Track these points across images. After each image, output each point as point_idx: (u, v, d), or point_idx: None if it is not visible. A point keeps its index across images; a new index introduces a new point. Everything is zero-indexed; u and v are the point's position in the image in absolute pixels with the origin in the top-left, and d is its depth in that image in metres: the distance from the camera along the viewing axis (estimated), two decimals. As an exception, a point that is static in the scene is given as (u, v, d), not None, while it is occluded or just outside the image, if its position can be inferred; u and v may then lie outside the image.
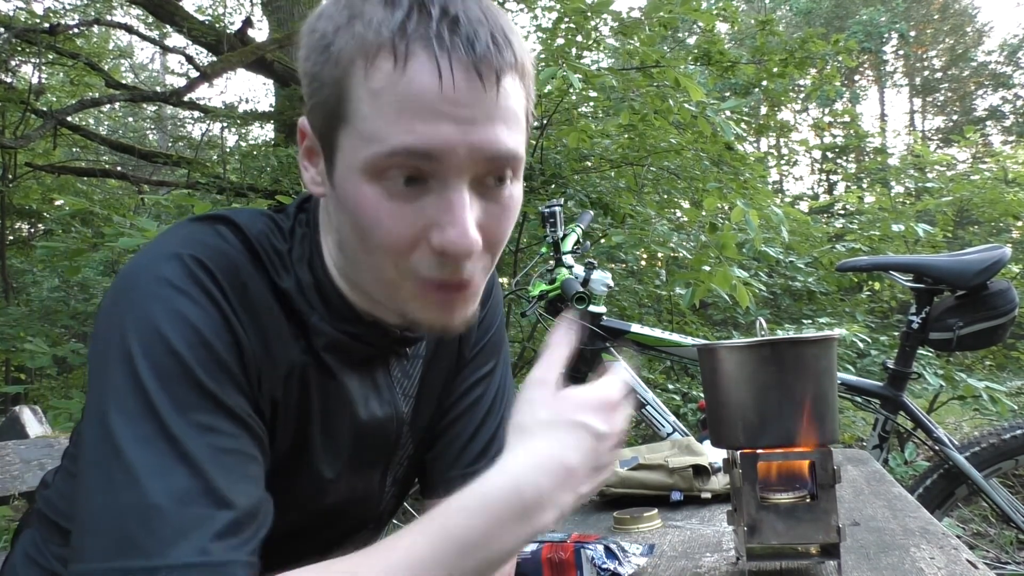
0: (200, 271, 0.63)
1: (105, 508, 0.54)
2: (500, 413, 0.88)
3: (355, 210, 0.63)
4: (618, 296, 4.43)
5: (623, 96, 3.54)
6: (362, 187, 0.62)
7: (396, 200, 0.61)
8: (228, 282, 0.64)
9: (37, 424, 1.22)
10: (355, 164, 0.62)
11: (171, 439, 0.56)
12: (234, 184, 4.70)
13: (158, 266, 0.62)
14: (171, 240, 0.65)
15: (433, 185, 0.61)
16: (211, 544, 0.54)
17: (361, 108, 0.60)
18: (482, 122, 0.60)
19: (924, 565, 0.84)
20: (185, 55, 7.20)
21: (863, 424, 4.38)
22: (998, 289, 1.95)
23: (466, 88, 0.59)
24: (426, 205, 0.62)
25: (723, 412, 0.83)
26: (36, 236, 7.45)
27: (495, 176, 0.64)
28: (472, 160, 0.61)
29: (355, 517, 0.83)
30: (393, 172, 0.60)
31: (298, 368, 0.70)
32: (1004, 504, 1.96)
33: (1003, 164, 6.80)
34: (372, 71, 0.59)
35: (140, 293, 0.61)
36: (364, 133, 0.60)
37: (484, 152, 0.61)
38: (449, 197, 0.61)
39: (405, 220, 0.62)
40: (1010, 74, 18.18)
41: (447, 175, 0.61)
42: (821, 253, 5.21)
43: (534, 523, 0.58)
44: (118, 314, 0.61)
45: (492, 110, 0.61)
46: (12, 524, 3.17)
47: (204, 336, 0.60)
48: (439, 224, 0.61)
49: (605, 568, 0.85)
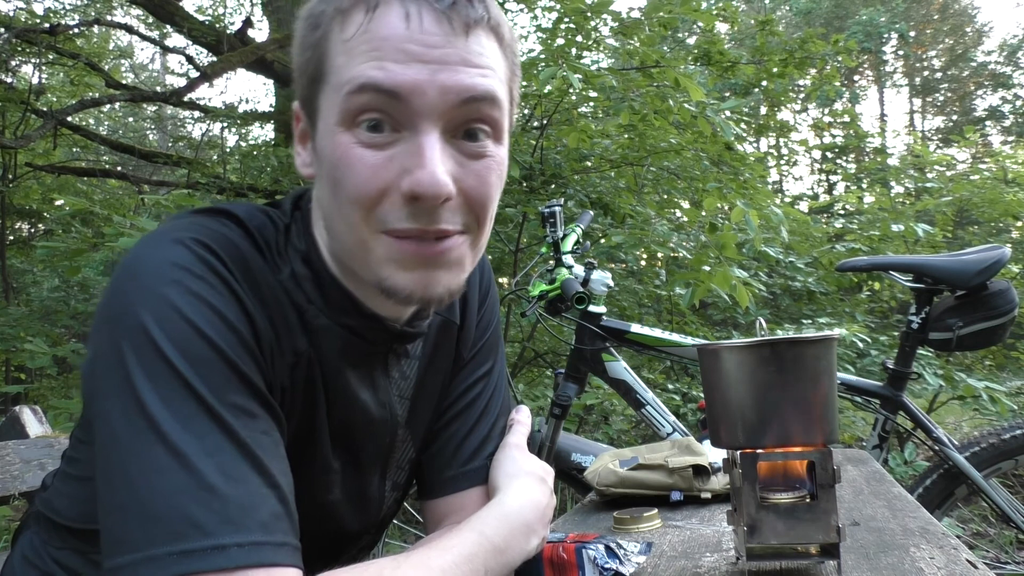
0: (209, 255, 0.62)
1: (153, 492, 0.52)
2: (495, 413, 0.89)
3: (330, 163, 0.63)
4: (618, 296, 4.43)
5: (623, 96, 3.54)
6: (336, 136, 0.62)
7: (367, 147, 0.61)
8: (237, 268, 0.64)
9: (37, 424, 1.22)
10: (332, 117, 0.62)
11: (216, 418, 0.55)
12: (234, 184, 4.70)
13: (166, 251, 0.61)
14: (174, 228, 0.64)
15: (404, 133, 0.61)
16: (270, 523, 0.54)
17: (337, 60, 0.62)
18: (452, 64, 0.60)
19: (924, 565, 0.84)
20: (185, 55, 7.22)
21: (863, 424, 4.39)
22: (998, 289, 1.95)
23: (435, 30, 0.60)
24: (396, 153, 0.61)
25: (723, 412, 0.83)
26: (36, 236, 7.45)
27: (471, 125, 0.63)
28: (443, 102, 0.60)
29: (356, 520, 0.82)
30: (364, 117, 0.61)
31: (304, 358, 0.69)
32: (1004, 504, 1.96)
33: (1003, 164, 6.79)
34: (346, 24, 0.61)
35: (152, 278, 0.59)
36: (338, 82, 0.61)
37: (454, 93, 0.61)
38: (418, 141, 0.61)
39: (375, 167, 0.61)
40: (1010, 74, 18.19)
41: (416, 119, 0.61)
42: (821, 253, 5.21)
43: (529, 543, 0.73)
44: (129, 301, 0.59)
45: (463, 55, 0.61)
46: (12, 524, 3.17)
47: (228, 319, 0.60)
48: (408, 169, 0.61)
49: (608, 568, 0.85)
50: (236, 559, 0.51)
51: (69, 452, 0.78)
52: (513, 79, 0.68)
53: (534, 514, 0.75)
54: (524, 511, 0.74)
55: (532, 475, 0.80)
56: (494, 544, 0.68)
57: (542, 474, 0.82)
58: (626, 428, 4.03)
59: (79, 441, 0.74)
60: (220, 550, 0.51)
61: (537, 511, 0.76)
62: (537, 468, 0.82)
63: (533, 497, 0.77)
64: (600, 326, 2.06)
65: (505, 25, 0.66)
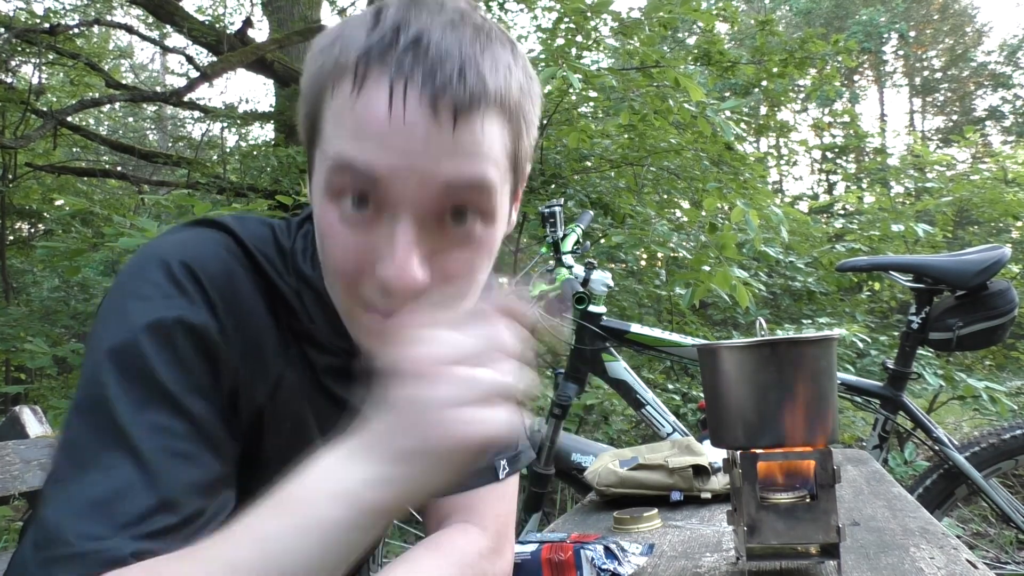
0: (183, 275, 0.63)
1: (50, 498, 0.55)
2: None
3: (318, 229, 0.63)
4: (618, 296, 4.43)
5: (623, 96, 3.54)
6: (324, 206, 0.61)
7: (348, 225, 0.60)
8: (215, 286, 0.64)
9: (37, 424, 1.21)
10: (320, 183, 0.61)
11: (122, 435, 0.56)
12: (234, 184, 4.70)
13: (144, 268, 0.64)
14: (162, 243, 0.66)
15: (385, 217, 0.59)
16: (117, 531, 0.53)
17: (326, 128, 0.60)
18: (434, 156, 0.57)
19: (924, 565, 0.84)
20: (185, 55, 7.21)
21: (863, 424, 4.38)
22: (998, 289, 1.95)
23: (417, 119, 0.56)
24: (374, 236, 0.59)
25: (723, 412, 0.83)
26: (36, 236, 7.45)
27: (453, 211, 0.59)
28: (422, 191, 0.57)
29: None
30: (345, 193, 0.59)
31: (291, 377, 0.69)
32: (1004, 504, 1.96)
33: (1003, 164, 6.79)
34: (336, 92, 0.59)
35: (123, 292, 0.63)
36: (326, 153, 0.60)
37: (434, 185, 0.57)
38: (393, 229, 0.58)
39: (354, 247, 0.60)
40: (1010, 74, 18.18)
41: (395, 205, 0.58)
42: (821, 253, 5.21)
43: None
44: (102, 313, 0.63)
45: (447, 145, 0.57)
46: (12, 524, 3.17)
47: (173, 338, 0.60)
48: (382, 257, 0.59)
49: (605, 568, 0.85)
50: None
51: None
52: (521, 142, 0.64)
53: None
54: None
55: None
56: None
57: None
58: (626, 428, 4.03)
59: None
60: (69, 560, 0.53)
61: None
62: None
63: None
64: (600, 326, 2.06)
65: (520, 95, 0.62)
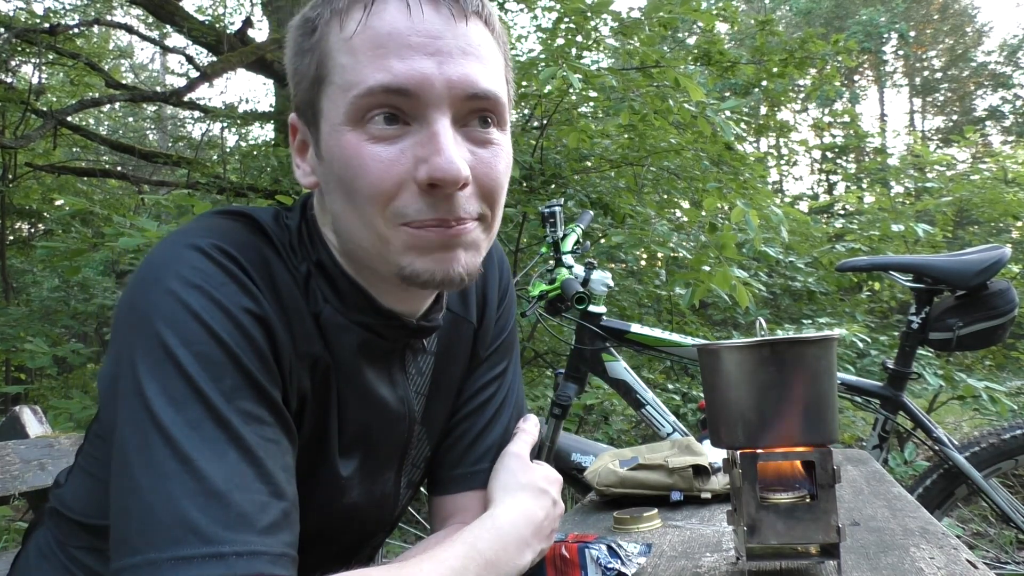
0: (227, 260, 0.62)
1: (157, 496, 0.52)
2: (508, 414, 0.88)
3: (340, 163, 0.63)
4: (618, 296, 4.43)
5: (623, 96, 3.54)
6: (345, 136, 0.62)
7: (379, 142, 0.61)
8: (257, 272, 0.64)
9: (37, 424, 1.21)
10: (337, 118, 0.62)
11: (224, 424, 0.55)
12: (234, 184, 4.70)
13: (185, 255, 0.61)
14: (194, 231, 0.64)
15: (415, 126, 0.62)
16: (270, 532, 0.54)
17: (339, 60, 0.62)
18: (456, 56, 0.61)
19: (924, 565, 0.84)
20: (185, 55, 7.21)
21: (863, 424, 4.38)
22: (998, 289, 1.95)
23: (436, 19, 0.61)
24: (409, 145, 0.62)
25: (723, 412, 0.83)
26: (36, 236, 7.45)
27: (477, 116, 0.64)
28: (451, 95, 0.61)
29: (372, 520, 0.82)
30: (373, 114, 0.61)
31: (321, 360, 0.69)
32: (1004, 504, 1.96)
33: (1003, 164, 6.79)
34: (346, 22, 0.62)
35: (167, 283, 0.59)
36: (343, 83, 0.61)
37: (462, 87, 0.62)
38: (432, 130, 0.61)
39: (389, 161, 0.61)
40: (1010, 74, 18.18)
41: (427, 111, 0.61)
42: (821, 253, 5.22)
43: (523, 557, 0.71)
44: (144, 305, 0.59)
45: (465, 44, 0.62)
46: (12, 524, 3.17)
47: (243, 325, 0.60)
48: (423, 158, 0.61)
49: (611, 567, 0.85)
50: (233, 567, 0.51)
51: (85, 447, 0.78)
52: (507, 68, 0.70)
53: (528, 528, 0.73)
54: (517, 526, 0.72)
55: (529, 488, 0.78)
56: (486, 558, 0.66)
57: (543, 485, 0.79)
58: (626, 428, 4.03)
59: (96, 436, 0.74)
60: (218, 558, 0.51)
61: (532, 525, 0.74)
62: (537, 479, 0.80)
63: (528, 511, 0.75)
64: (600, 326, 2.06)
65: (495, 15, 0.68)
